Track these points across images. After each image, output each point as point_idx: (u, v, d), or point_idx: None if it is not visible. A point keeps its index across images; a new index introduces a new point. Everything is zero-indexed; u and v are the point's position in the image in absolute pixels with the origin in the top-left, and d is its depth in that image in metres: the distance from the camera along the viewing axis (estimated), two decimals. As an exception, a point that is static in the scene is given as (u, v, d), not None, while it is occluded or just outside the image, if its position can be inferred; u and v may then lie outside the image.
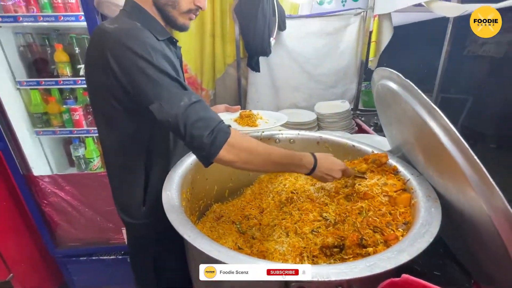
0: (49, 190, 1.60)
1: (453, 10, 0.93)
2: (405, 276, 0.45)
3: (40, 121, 1.56)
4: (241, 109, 1.23)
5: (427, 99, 0.52)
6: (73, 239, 1.77)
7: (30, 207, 1.61)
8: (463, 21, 1.10)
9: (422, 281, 0.44)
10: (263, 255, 0.78)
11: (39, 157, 1.64)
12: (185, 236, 0.55)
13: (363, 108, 2.06)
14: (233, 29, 1.88)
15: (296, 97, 2.05)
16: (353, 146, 1.07)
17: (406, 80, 0.58)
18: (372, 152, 1.00)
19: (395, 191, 0.77)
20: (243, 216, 1.07)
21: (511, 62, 4.50)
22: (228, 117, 1.20)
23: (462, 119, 4.45)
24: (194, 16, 0.83)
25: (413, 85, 0.56)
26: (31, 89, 1.52)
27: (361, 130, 1.86)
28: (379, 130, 1.90)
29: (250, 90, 2.04)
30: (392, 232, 0.68)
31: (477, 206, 0.48)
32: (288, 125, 1.76)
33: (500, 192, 0.42)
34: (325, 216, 0.88)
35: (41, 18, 1.33)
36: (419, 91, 0.54)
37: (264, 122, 1.18)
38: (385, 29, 1.75)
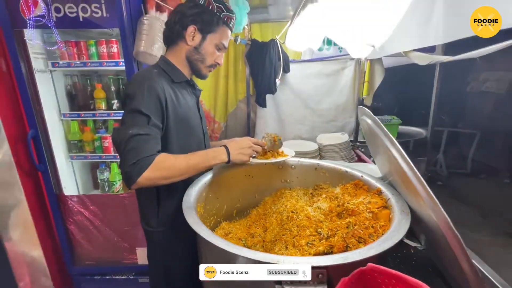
0: (75, 209, 1.78)
1: (423, 59, 1.14)
2: (370, 264, 0.58)
3: (76, 147, 1.81)
4: None
5: (389, 133, 0.69)
6: (90, 258, 1.90)
7: (58, 224, 1.78)
8: (466, 61, 1.25)
9: (384, 268, 0.57)
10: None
11: (70, 179, 1.85)
12: (202, 234, 0.70)
13: (362, 140, 2.22)
14: (244, 70, 2.17)
15: (300, 129, 2.25)
16: (346, 171, 1.22)
17: (374, 116, 0.76)
18: (362, 176, 1.14)
19: (377, 208, 0.91)
20: (248, 233, 1.19)
21: (513, 98, 4.64)
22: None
23: (472, 153, 4.51)
24: (213, 69, 1.11)
25: (379, 121, 0.73)
26: (71, 120, 1.79)
27: (360, 160, 2.01)
28: (378, 161, 2.04)
29: (258, 122, 2.27)
30: (372, 241, 0.80)
31: (429, 216, 0.62)
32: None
33: (435, 199, 0.56)
34: (320, 231, 1.00)
35: (89, 64, 1.63)
36: (382, 125, 0.71)
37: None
38: (377, 71, 1.99)
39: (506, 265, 2.52)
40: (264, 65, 1.86)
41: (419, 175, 0.60)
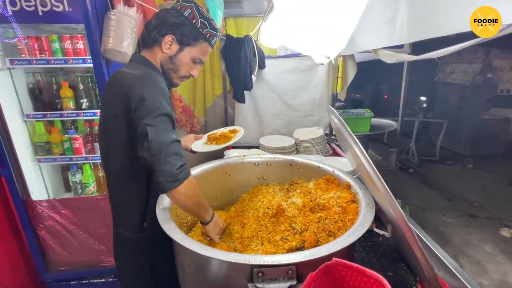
0: (45, 214, 1.71)
1: (389, 57, 1.19)
2: (335, 259, 0.62)
3: (43, 149, 1.71)
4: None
5: (351, 133, 0.73)
6: (65, 263, 1.83)
7: (26, 231, 1.69)
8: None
9: (346, 262, 0.61)
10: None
11: (38, 183, 1.76)
12: (174, 238, 0.71)
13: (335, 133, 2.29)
14: (220, 66, 2.15)
15: (277, 124, 2.29)
16: (319, 167, 1.26)
17: (340, 117, 0.79)
18: (333, 171, 1.19)
19: (346, 202, 0.96)
20: (227, 231, 1.21)
21: (478, 89, 5.00)
22: (199, 143, 1.38)
23: (440, 141, 4.82)
24: (186, 80, 1.08)
25: (343, 121, 0.77)
26: (36, 121, 1.69)
27: (335, 153, 2.08)
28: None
29: (237, 118, 2.27)
30: (341, 234, 0.85)
31: (388, 210, 0.67)
32: (269, 150, 1.97)
33: (392, 195, 0.61)
34: (294, 226, 1.04)
35: (52, 61, 1.54)
36: (346, 125, 0.75)
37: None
38: (350, 66, 2.04)
39: (467, 243, 2.75)
40: (239, 61, 1.85)
41: (378, 173, 0.65)
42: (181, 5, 0.97)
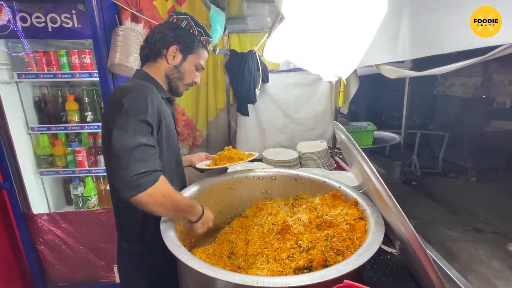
0: (46, 228, 1.68)
1: (392, 73, 1.20)
2: (346, 281, 0.60)
3: (45, 162, 1.71)
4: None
5: (359, 148, 0.72)
6: (63, 279, 1.79)
7: (26, 245, 1.66)
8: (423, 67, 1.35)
9: (359, 285, 0.59)
10: (245, 279, 0.90)
11: (39, 196, 1.75)
12: (179, 257, 0.69)
13: (340, 147, 2.29)
14: (224, 80, 2.18)
15: (280, 137, 2.28)
16: (324, 182, 1.25)
17: (347, 132, 0.79)
18: (339, 187, 1.18)
19: (354, 219, 0.94)
20: (231, 251, 1.19)
21: (478, 102, 5.03)
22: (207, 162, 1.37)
23: (442, 154, 4.80)
24: (190, 87, 1.13)
25: (350, 136, 0.76)
26: (41, 133, 1.69)
27: (339, 167, 2.06)
28: (356, 167, 2.11)
29: (239, 131, 2.28)
30: (350, 253, 0.83)
31: (399, 229, 0.66)
32: (273, 163, 1.96)
33: (404, 215, 0.60)
34: (300, 244, 1.02)
35: (60, 75, 1.56)
36: (354, 141, 0.75)
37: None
38: (352, 80, 2.06)
39: (475, 259, 2.68)
40: (243, 75, 1.87)
41: (389, 191, 0.64)
42: (176, 17, 1.04)
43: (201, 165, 1.34)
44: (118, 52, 1.43)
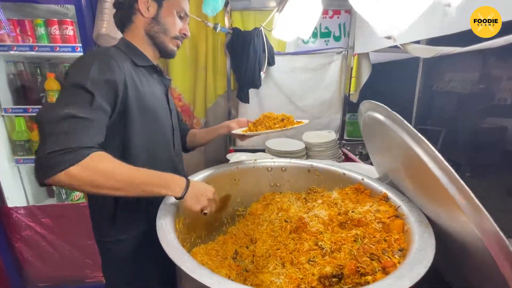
0: (23, 223, 1.49)
1: (427, 52, 1.05)
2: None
3: (22, 148, 1.50)
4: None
5: (414, 129, 0.57)
6: (44, 279, 1.61)
7: (0, 241, 1.47)
8: (431, 60, 1.23)
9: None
10: (259, 288, 0.75)
11: (15, 187, 1.55)
12: (183, 268, 0.53)
13: (348, 138, 2.15)
14: (225, 63, 1.99)
15: (284, 126, 2.12)
16: (344, 174, 1.10)
17: (393, 112, 0.64)
18: (362, 179, 1.03)
19: (388, 218, 0.79)
20: (235, 251, 1.04)
21: (476, 98, 4.97)
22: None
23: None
24: (180, 43, 0.96)
25: (400, 116, 0.61)
26: (16, 116, 1.48)
27: (347, 159, 1.93)
28: (364, 159, 1.98)
29: (240, 119, 2.10)
30: (389, 259, 0.68)
31: (469, 231, 0.51)
32: (277, 154, 1.80)
33: (488, 216, 0.45)
34: (321, 245, 0.87)
35: (37, 48, 1.35)
36: (405, 121, 0.59)
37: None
38: (364, 66, 1.91)
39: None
40: (247, 56, 1.69)
41: (461, 181, 0.49)
42: None
43: (238, 131, 1.14)
44: (105, 21, 1.23)
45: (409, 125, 0.59)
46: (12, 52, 1.35)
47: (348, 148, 2.10)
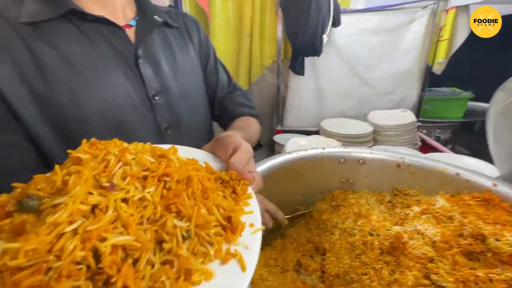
0: None
1: None
2: None
3: None
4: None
5: None
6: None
7: None
8: None
9: None
10: None
11: None
12: None
13: (424, 119, 1.75)
14: (275, 26, 1.67)
15: (343, 104, 1.78)
16: (457, 174, 0.78)
17: None
18: (495, 185, 0.71)
19: None
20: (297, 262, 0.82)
21: None
22: None
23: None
24: None
25: None
26: None
27: (425, 145, 1.55)
28: (442, 145, 1.58)
29: (291, 95, 1.81)
30: None
31: None
32: (335, 137, 1.49)
33: None
34: (436, 281, 0.60)
35: None
36: None
37: None
38: (461, 25, 1.44)
39: None
40: (308, 14, 1.34)
41: None
42: None
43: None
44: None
45: None
46: None
47: (424, 131, 1.71)
